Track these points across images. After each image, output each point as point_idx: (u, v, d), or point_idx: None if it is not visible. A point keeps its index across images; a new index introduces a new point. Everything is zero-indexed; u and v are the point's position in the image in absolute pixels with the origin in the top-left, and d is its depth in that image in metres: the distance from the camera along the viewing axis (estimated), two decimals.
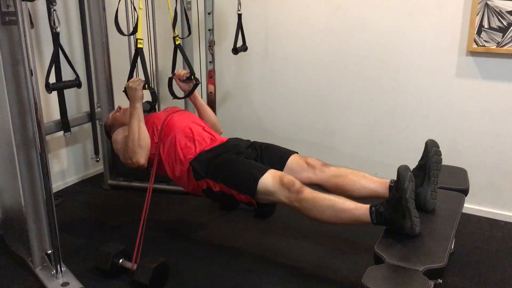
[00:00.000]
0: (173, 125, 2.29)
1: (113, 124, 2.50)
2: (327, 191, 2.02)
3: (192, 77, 2.46)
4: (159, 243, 2.45)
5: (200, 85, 2.98)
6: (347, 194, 2.00)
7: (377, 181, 2.10)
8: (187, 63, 2.50)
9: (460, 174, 2.34)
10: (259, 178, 1.98)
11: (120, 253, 2.17)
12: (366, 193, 2.08)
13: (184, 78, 2.47)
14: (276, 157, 2.25)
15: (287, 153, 2.28)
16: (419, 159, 2.01)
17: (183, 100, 2.63)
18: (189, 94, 2.51)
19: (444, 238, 1.78)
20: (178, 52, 2.50)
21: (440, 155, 2.00)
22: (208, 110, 2.60)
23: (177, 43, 2.47)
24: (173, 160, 2.22)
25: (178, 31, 2.74)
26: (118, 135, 2.36)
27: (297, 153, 2.30)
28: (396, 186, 1.79)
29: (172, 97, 2.50)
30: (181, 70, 2.48)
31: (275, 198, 1.98)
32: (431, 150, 1.97)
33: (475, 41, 2.52)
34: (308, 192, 1.92)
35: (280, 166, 2.18)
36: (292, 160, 2.23)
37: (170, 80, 2.52)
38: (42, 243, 2.18)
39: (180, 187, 2.31)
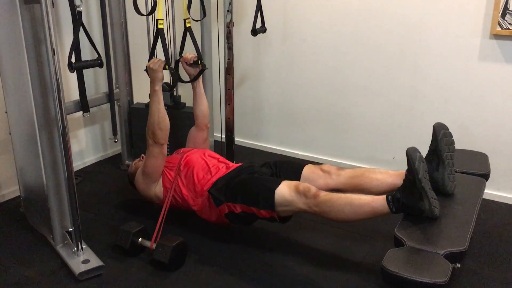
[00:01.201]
0: (189, 163, 2.34)
1: (136, 173, 2.50)
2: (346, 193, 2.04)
3: (200, 61, 2.45)
4: (178, 222, 2.47)
5: (218, 71, 2.97)
6: (367, 193, 2.01)
7: (394, 174, 2.11)
8: (196, 47, 2.48)
9: (481, 158, 2.32)
10: (275, 190, 2.01)
11: (139, 232, 2.20)
12: (385, 188, 2.08)
13: (191, 62, 2.46)
14: (291, 170, 2.29)
15: (301, 164, 2.32)
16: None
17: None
18: (194, 79, 2.51)
19: (465, 222, 1.78)
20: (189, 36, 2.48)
21: (451, 137, 1.99)
22: (204, 100, 2.60)
23: (187, 25, 2.46)
24: (193, 194, 2.27)
25: (196, 12, 2.73)
26: (138, 175, 2.40)
27: (311, 163, 2.33)
28: (408, 169, 1.80)
29: (177, 81, 2.50)
30: (188, 54, 2.48)
31: (294, 207, 2.01)
32: (439, 133, 1.97)
33: (499, 23, 2.47)
34: (324, 194, 1.96)
35: (296, 178, 2.21)
36: (307, 170, 2.27)
37: (176, 63, 2.51)
38: (63, 221, 2.22)
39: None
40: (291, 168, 2.32)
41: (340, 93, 3.10)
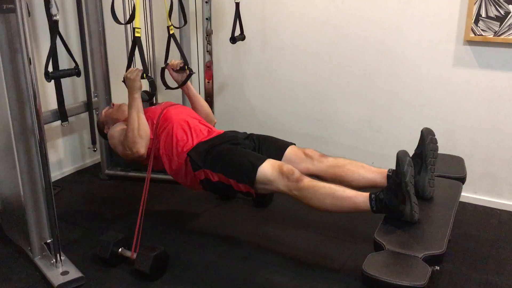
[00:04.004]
0: (169, 118, 2.28)
1: (106, 121, 2.48)
2: (325, 181, 2.03)
3: (186, 67, 2.45)
4: (158, 232, 2.46)
5: (197, 74, 2.98)
6: (345, 184, 2.00)
7: (375, 171, 2.11)
8: (181, 53, 2.49)
9: (457, 162, 2.36)
10: (258, 166, 1.98)
11: (119, 242, 2.18)
12: (365, 183, 2.09)
13: (178, 68, 2.45)
14: (274, 148, 2.26)
15: (285, 144, 2.28)
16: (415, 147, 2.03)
17: (179, 91, 2.62)
18: (182, 84, 2.50)
19: (443, 225, 1.81)
20: (173, 42, 2.49)
21: (436, 143, 2.02)
22: (201, 100, 2.59)
23: (171, 32, 2.46)
24: (170, 153, 2.21)
25: (175, 20, 2.74)
26: (115, 130, 2.33)
27: (294, 144, 2.30)
28: (396, 171, 1.80)
29: (165, 87, 2.50)
30: (174, 60, 2.47)
31: (274, 187, 1.97)
32: (427, 138, 1.99)
33: (472, 30, 2.53)
34: (308, 181, 1.93)
35: (278, 157, 2.18)
36: (290, 151, 2.24)
37: (162, 70, 2.51)
38: (41, 232, 2.18)
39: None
40: (274, 146, 2.27)
41: (319, 99, 3.13)
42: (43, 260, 2.18)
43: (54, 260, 2.13)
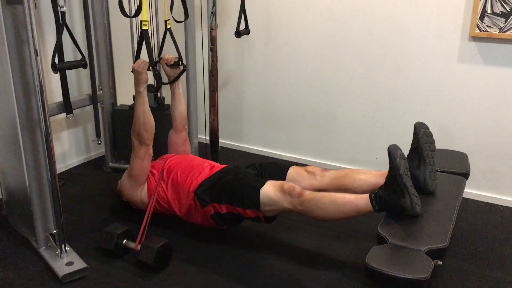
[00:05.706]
0: (172, 167, 2.36)
1: None
2: None
3: (180, 62, 2.45)
4: (162, 223, 2.47)
5: (201, 72, 2.97)
6: (350, 192, 2.04)
7: (377, 174, 2.15)
8: (176, 48, 2.49)
9: (460, 158, 2.36)
10: (259, 189, 2.04)
11: (123, 234, 2.19)
12: (368, 187, 2.12)
13: (172, 63, 2.47)
14: (276, 171, 2.32)
15: (286, 165, 2.35)
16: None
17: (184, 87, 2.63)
18: (173, 81, 2.52)
19: (446, 220, 1.81)
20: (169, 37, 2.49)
21: (431, 136, 2.04)
22: (183, 102, 2.62)
23: (168, 27, 2.47)
24: (179, 197, 2.28)
25: (180, 14, 2.74)
26: (124, 178, 2.42)
27: (295, 164, 2.36)
28: (389, 166, 1.83)
29: (161, 82, 2.50)
30: (168, 55, 2.49)
31: (279, 207, 2.03)
32: (420, 132, 2.02)
33: (477, 26, 2.53)
34: (309, 193, 1.99)
35: (281, 178, 2.23)
36: (292, 171, 2.29)
37: (155, 64, 2.51)
38: (46, 223, 2.20)
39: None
40: (276, 169, 2.34)
41: (323, 94, 3.13)
42: (48, 251, 2.20)
43: (59, 250, 2.15)
